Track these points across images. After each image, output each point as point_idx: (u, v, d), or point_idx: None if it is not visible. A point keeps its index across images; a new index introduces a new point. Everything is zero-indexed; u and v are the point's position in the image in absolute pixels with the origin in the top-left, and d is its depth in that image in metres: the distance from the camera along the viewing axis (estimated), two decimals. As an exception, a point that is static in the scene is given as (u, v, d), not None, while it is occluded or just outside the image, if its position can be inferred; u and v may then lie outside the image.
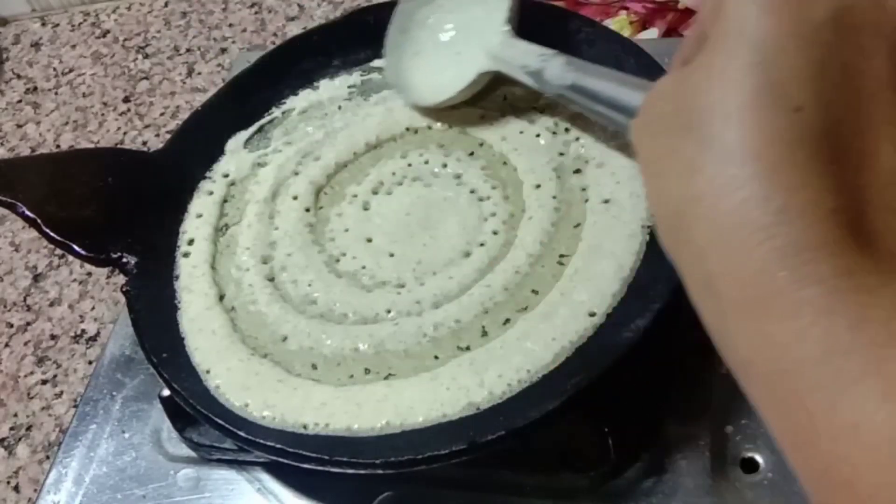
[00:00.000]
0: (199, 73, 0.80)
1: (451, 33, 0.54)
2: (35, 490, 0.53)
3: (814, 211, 0.21)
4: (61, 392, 0.59)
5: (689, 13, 0.66)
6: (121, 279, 0.49)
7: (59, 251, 0.66)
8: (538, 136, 0.50)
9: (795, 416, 0.21)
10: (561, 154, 0.49)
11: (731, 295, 0.22)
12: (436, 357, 0.43)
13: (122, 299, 0.48)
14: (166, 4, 0.89)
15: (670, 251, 0.25)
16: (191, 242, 0.51)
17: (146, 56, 0.84)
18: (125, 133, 0.77)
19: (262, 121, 0.57)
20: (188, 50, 0.83)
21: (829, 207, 0.21)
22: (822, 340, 0.21)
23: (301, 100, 0.57)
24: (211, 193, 0.53)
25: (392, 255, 0.48)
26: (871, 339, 0.20)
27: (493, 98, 0.53)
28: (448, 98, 0.52)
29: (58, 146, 0.78)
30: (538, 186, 0.48)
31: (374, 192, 0.51)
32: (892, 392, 0.19)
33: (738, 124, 0.23)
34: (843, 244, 0.21)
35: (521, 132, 0.50)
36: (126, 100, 0.80)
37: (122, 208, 0.51)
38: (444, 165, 0.51)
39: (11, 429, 0.58)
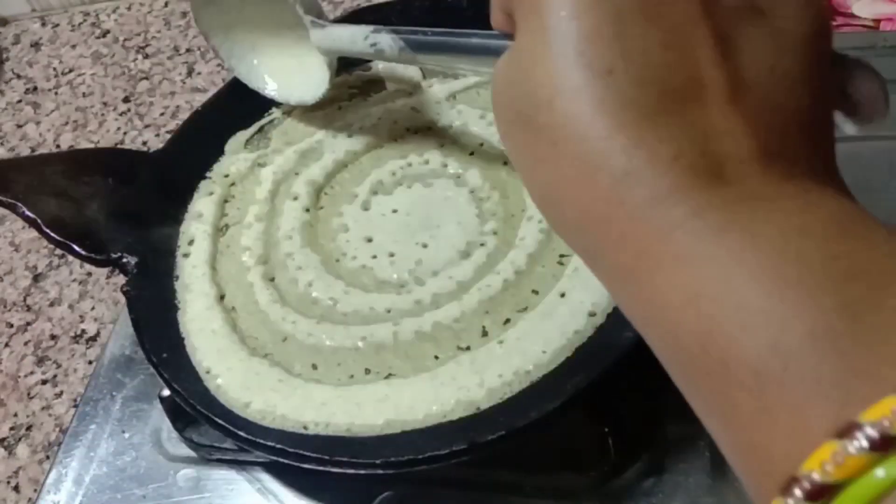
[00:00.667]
0: (199, 73, 0.80)
1: (290, 41, 0.53)
2: (35, 490, 0.53)
3: (658, 165, 0.22)
4: (61, 392, 0.59)
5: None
6: (121, 279, 0.49)
7: (59, 251, 0.66)
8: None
9: (646, 292, 0.22)
10: (561, 154, 0.49)
11: (608, 235, 0.23)
12: (436, 357, 0.43)
13: (122, 299, 0.48)
14: (166, 4, 0.89)
15: (554, 229, 0.26)
16: (191, 242, 0.51)
17: (146, 56, 0.84)
18: (125, 133, 0.77)
19: (262, 121, 0.57)
20: (188, 50, 0.83)
21: (670, 156, 0.22)
22: (665, 221, 0.21)
23: (301, 100, 0.57)
24: (211, 193, 0.53)
25: (392, 255, 0.48)
26: (726, 285, 0.20)
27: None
28: (325, 92, 0.52)
29: (58, 146, 0.78)
30: (538, 186, 0.48)
31: (374, 193, 0.52)
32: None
33: (567, 105, 0.23)
34: (692, 186, 0.21)
35: (521, 132, 0.50)
36: (126, 100, 0.80)
37: (122, 208, 0.51)
38: (445, 165, 0.51)
39: (11, 429, 0.58)
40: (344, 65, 0.59)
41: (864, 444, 0.17)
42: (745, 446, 0.21)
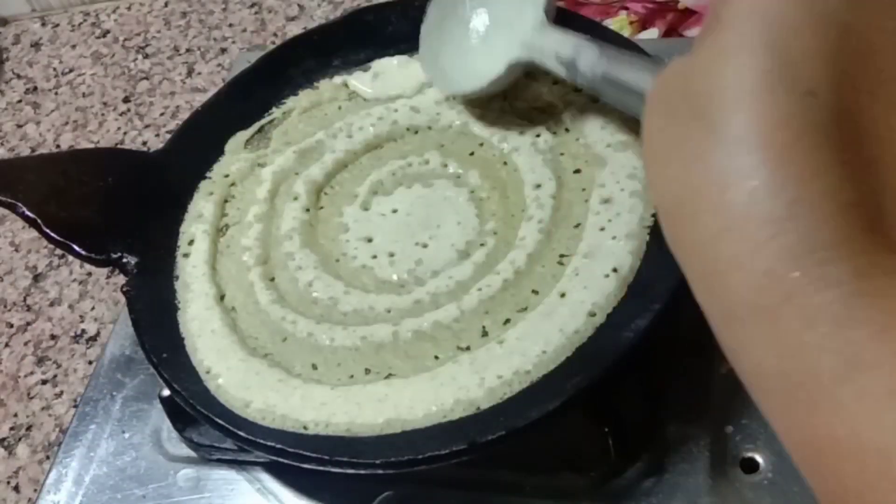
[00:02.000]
0: (199, 73, 0.80)
1: (485, 23, 0.52)
2: (35, 490, 0.53)
3: (829, 203, 0.19)
4: (61, 392, 0.59)
5: (689, 13, 0.66)
6: (121, 279, 0.49)
7: (59, 251, 0.66)
8: (538, 136, 0.50)
9: (811, 432, 0.19)
10: (561, 154, 0.49)
11: (738, 296, 0.20)
12: (436, 357, 0.43)
13: (122, 299, 0.48)
14: (166, 4, 0.89)
15: (672, 245, 0.23)
16: (191, 242, 0.51)
17: (146, 56, 0.84)
18: (125, 133, 0.77)
19: (262, 121, 0.57)
20: (188, 50, 0.83)
21: (846, 200, 0.20)
22: (842, 353, 0.19)
23: (301, 100, 0.57)
24: (211, 193, 0.53)
25: (392, 255, 0.48)
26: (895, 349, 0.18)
27: (493, 98, 0.53)
28: (481, 87, 0.50)
29: (58, 146, 0.78)
30: (538, 186, 0.48)
31: (375, 193, 0.52)
32: None
33: (747, 108, 0.21)
34: (861, 241, 0.19)
35: (521, 132, 0.50)
36: (126, 100, 0.80)
37: (122, 208, 0.51)
38: (445, 165, 0.51)
39: (11, 429, 0.58)
40: (344, 65, 0.59)
41: None
42: None
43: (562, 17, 0.52)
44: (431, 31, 0.53)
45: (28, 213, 0.47)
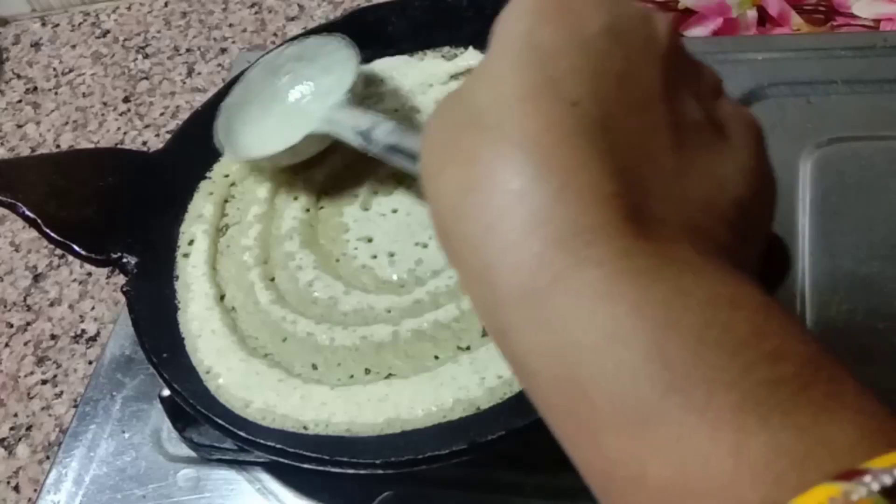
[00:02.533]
0: (199, 73, 0.80)
1: (291, 101, 0.55)
2: (35, 490, 0.53)
3: (592, 192, 0.21)
4: (61, 392, 0.59)
5: (689, 13, 0.66)
6: (121, 279, 0.49)
7: (59, 251, 0.66)
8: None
9: (579, 410, 0.21)
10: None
11: (508, 283, 0.22)
12: (436, 357, 0.43)
13: (122, 299, 0.48)
14: (166, 4, 0.89)
15: (446, 248, 0.25)
16: (191, 242, 0.51)
17: (146, 56, 0.84)
18: (125, 133, 0.77)
19: (262, 121, 0.57)
20: (188, 50, 0.83)
21: (608, 191, 0.21)
22: (603, 326, 0.20)
23: (301, 100, 0.57)
24: (211, 193, 0.53)
25: (392, 255, 0.48)
26: (651, 325, 0.20)
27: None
28: (272, 154, 0.51)
29: (58, 146, 0.78)
30: (538, 186, 0.48)
31: (375, 193, 0.51)
32: (676, 382, 0.19)
33: (516, 112, 0.23)
34: (622, 227, 0.21)
35: (521, 132, 0.50)
36: (126, 100, 0.80)
37: (122, 208, 0.51)
38: (444, 165, 0.51)
39: (11, 429, 0.58)
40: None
41: (875, 487, 0.16)
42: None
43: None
44: (233, 106, 0.55)
45: (28, 213, 0.47)
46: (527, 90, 0.23)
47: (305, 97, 0.54)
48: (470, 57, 0.55)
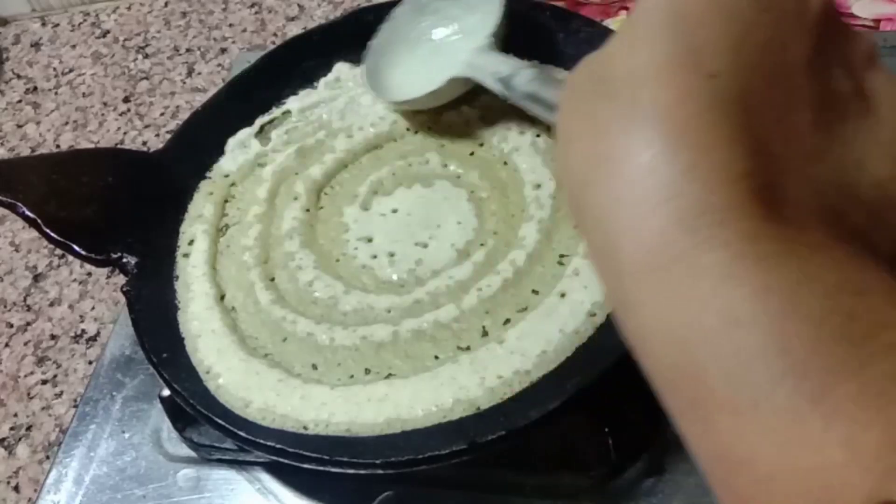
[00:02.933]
0: (199, 73, 0.80)
1: (435, 41, 0.55)
2: (35, 490, 0.53)
3: (723, 172, 0.21)
4: (61, 392, 0.59)
5: (689, 13, 0.66)
6: (121, 279, 0.49)
7: (59, 251, 0.66)
8: (538, 136, 0.50)
9: (693, 389, 0.21)
10: (561, 154, 0.49)
11: (631, 257, 0.21)
12: (436, 357, 0.43)
13: (122, 299, 0.48)
14: (166, 4, 0.89)
15: (576, 218, 0.24)
16: (191, 242, 0.51)
17: (146, 56, 0.84)
18: (125, 133, 0.77)
19: (263, 120, 0.57)
20: (188, 50, 0.83)
21: (740, 170, 0.21)
22: (722, 309, 0.20)
23: (301, 100, 0.57)
24: (211, 193, 0.53)
25: (392, 255, 0.48)
26: (773, 311, 0.19)
27: (493, 98, 0.53)
28: (415, 98, 0.52)
29: (58, 146, 0.78)
30: (538, 186, 0.48)
31: (375, 193, 0.51)
32: (793, 369, 0.19)
33: (651, 86, 0.22)
34: (751, 209, 0.20)
35: (521, 133, 0.50)
36: (126, 100, 0.80)
37: (122, 208, 0.51)
38: (445, 166, 0.51)
39: (11, 429, 0.58)
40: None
41: None
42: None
43: (561, 17, 0.52)
44: (380, 46, 0.55)
45: (28, 213, 0.47)
46: (664, 60, 0.22)
47: (450, 36, 0.55)
48: None
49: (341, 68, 0.58)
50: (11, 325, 0.64)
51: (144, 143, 0.75)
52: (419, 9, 0.55)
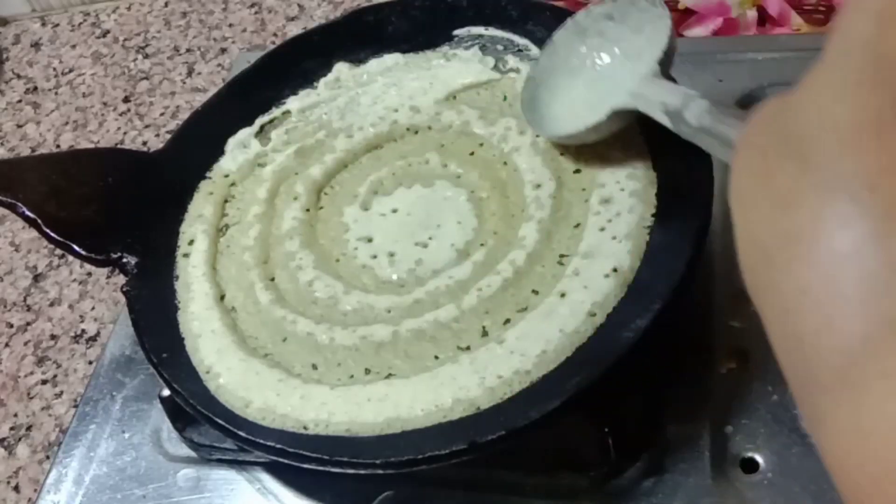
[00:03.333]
0: (199, 73, 0.80)
1: (593, 75, 0.49)
2: (35, 490, 0.53)
3: None
4: (61, 392, 0.59)
5: (689, 13, 0.66)
6: (121, 279, 0.49)
7: (59, 251, 0.66)
8: (538, 136, 0.50)
9: None
10: (561, 154, 0.49)
11: (827, 362, 0.18)
12: (436, 357, 0.43)
13: (122, 299, 0.48)
14: (166, 4, 0.89)
15: (755, 299, 0.21)
16: (191, 242, 0.51)
17: (146, 56, 0.84)
18: (125, 133, 0.77)
19: (263, 120, 0.57)
20: (188, 50, 0.83)
21: None
22: None
23: (301, 100, 0.57)
24: (211, 193, 0.53)
25: (392, 255, 0.48)
26: None
27: (492, 98, 0.53)
28: (578, 132, 0.47)
29: (58, 146, 0.78)
30: (538, 186, 0.48)
31: (375, 193, 0.52)
32: None
33: (850, 148, 0.18)
34: None
35: (521, 133, 0.50)
36: (126, 100, 0.80)
37: (122, 208, 0.51)
38: (445, 166, 0.51)
39: (11, 429, 0.58)
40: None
41: None
42: None
43: (562, 17, 0.52)
44: (539, 75, 0.51)
45: (28, 213, 0.47)
46: (866, 117, 0.18)
47: (613, 60, 0.49)
48: None
49: (341, 68, 0.58)
50: (11, 325, 0.64)
51: (144, 143, 0.75)
52: (580, 32, 0.50)
